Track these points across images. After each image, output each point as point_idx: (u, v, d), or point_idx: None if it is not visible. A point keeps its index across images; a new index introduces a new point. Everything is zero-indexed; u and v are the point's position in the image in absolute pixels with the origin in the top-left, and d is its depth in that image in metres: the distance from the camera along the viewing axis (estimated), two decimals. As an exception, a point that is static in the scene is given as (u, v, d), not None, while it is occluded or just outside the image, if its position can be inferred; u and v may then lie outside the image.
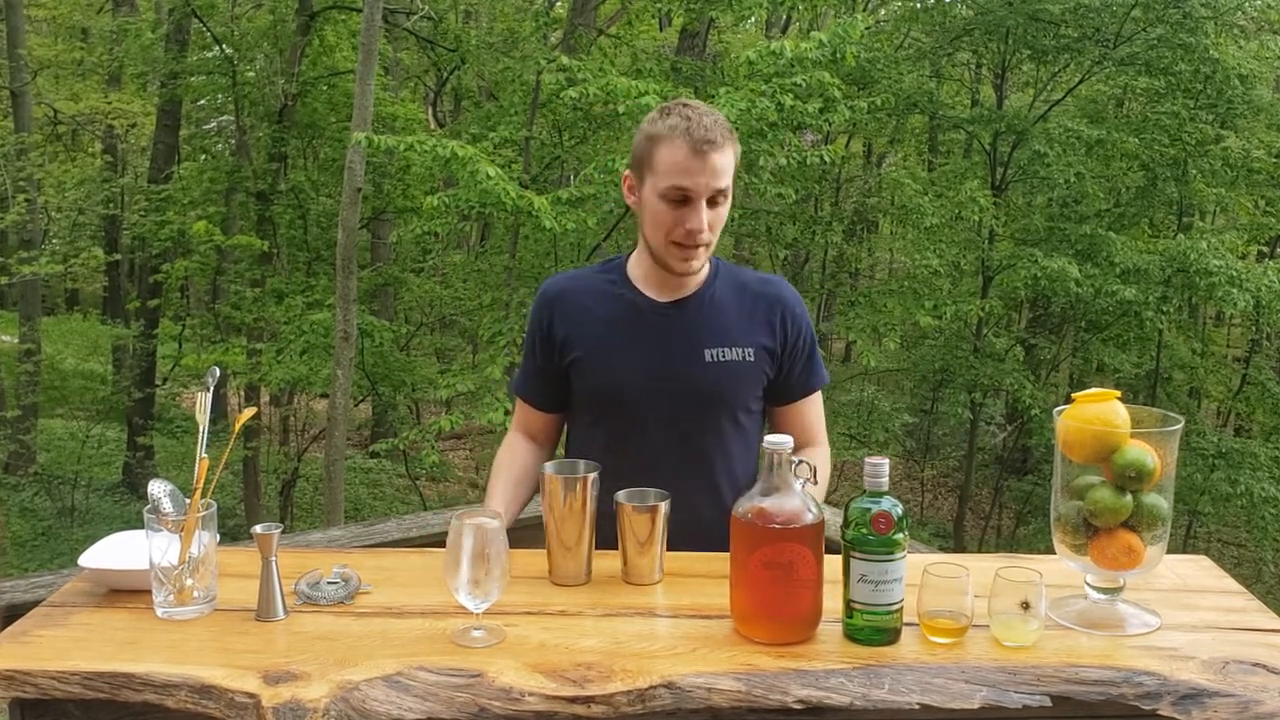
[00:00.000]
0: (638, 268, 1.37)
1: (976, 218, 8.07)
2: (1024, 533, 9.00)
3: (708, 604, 1.11)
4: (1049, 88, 8.76)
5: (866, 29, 6.17)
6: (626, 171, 1.35)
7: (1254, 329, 8.99)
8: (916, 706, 0.92)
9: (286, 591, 1.10)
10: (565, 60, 5.05)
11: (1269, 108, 7.59)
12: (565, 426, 1.48)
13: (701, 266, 1.34)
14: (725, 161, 1.26)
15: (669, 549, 1.20)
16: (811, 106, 4.93)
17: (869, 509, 1.01)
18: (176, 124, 8.49)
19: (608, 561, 1.20)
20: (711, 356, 1.33)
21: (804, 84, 4.78)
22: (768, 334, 1.36)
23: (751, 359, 1.35)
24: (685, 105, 1.29)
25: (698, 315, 1.34)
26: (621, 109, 4.78)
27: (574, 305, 1.38)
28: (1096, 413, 1.05)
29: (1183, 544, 8.01)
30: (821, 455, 1.42)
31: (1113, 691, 0.94)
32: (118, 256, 9.16)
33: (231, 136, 8.24)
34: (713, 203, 1.28)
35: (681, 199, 1.26)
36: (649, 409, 1.33)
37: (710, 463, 1.35)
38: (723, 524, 1.34)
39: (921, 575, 1.02)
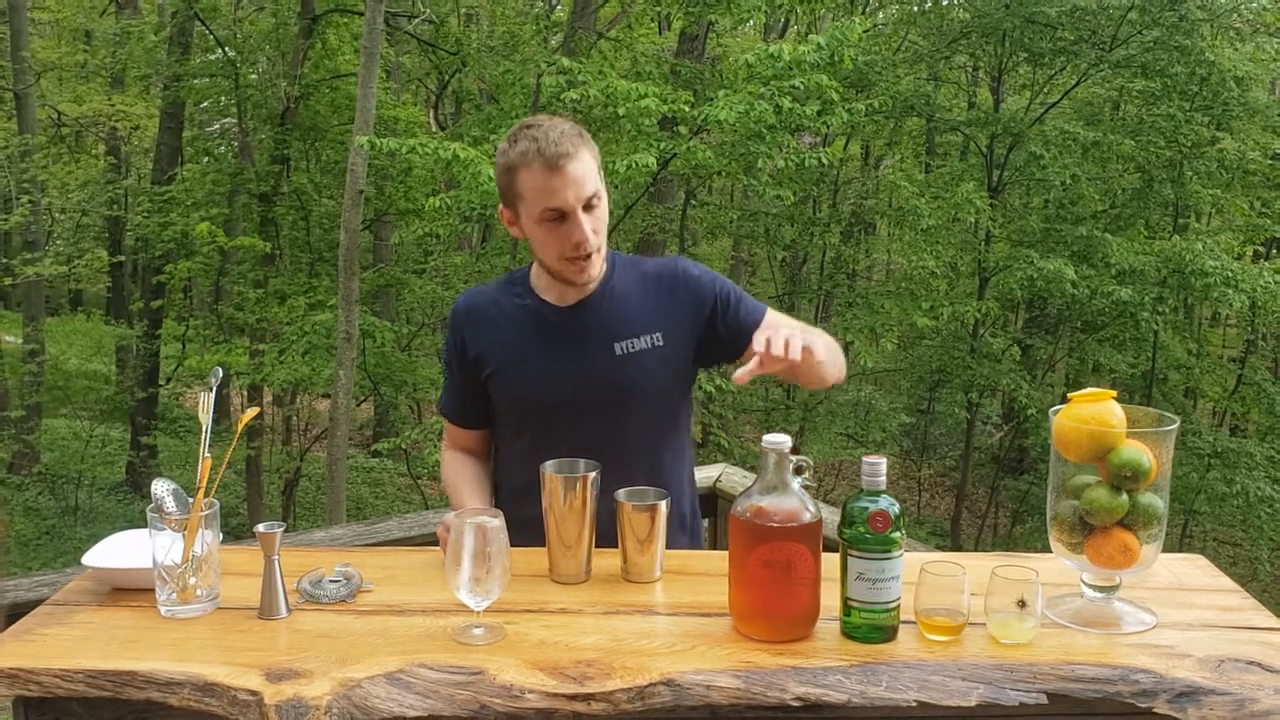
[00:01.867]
0: (540, 277, 1.38)
1: (973, 219, 8.08)
2: (1020, 531, 9.01)
3: (707, 602, 1.11)
4: (1045, 90, 8.78)
5: (864, 32, 6.19)
6: (501, 208, 1.35)
7: (1249, 329, 9.01)
8: (914, 704, 0.93)
9: (289, 590, 1.10)
10: (565, 63, 5.06)
11: (1264, 110, 7.61)
12: (491, 443, 1.47)
13: (599, 271, 1.35)
14: (584, 168, 1.26)
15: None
16: (809, 109, 4.94)
17: (866, 508, 1.01)
18: (179, 126, 8.50)
19: (607, 560, 1.21)
20: (621, 349, 1.33)
21: (802, 87, 4.79)
22: (673, 313, 1.35)
23: (662, 343, 1.34)
24: (529, 126, 1.28)
25: (600, 312, 1.35)
26: (621, 111, 4.79)
27: (483, 320, 1.39)
28: (1092, 412, 1.05)
29: (1178, 543, 8.02)
30: (820, 335, 1.32)
31: (1109, 689, 0.94)
32: (121, 258, 9.17)
33: (234, 139, 8.25)
34: (588, 208, 1.28)
35: (557, 217, 1.27)
36: (570, 412, 1.34)
37: (643, 455, 1.36)
38: (670, 515, 1.32)
39: (919, 573, 1.03)
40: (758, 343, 1.14)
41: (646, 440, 1.37)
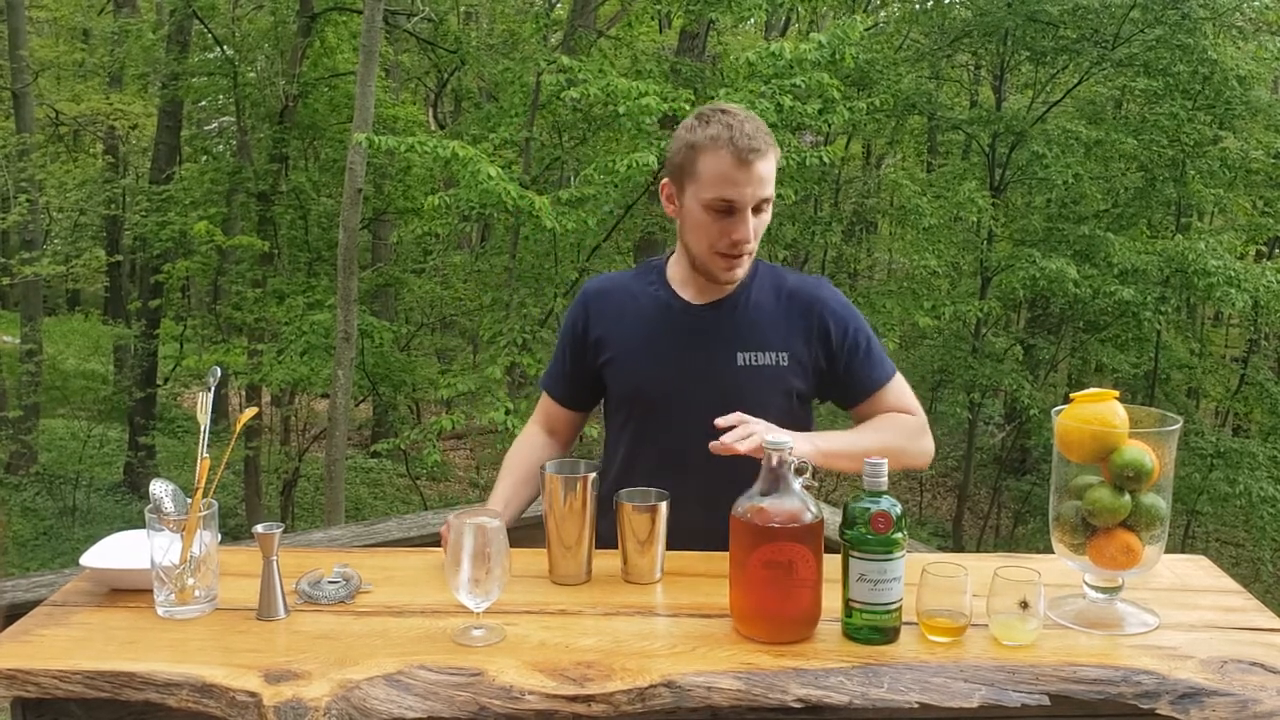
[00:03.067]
0: (676, 270, 1.37)
1: (975, 218, 8.08)
2: (1022, 532, 9.01)
3: (707, 603, 1.11)
4: (1048, 89, 8.77)
5: (865, 30, 6.18)
6: (665, 180, 1.33)
7: (1252, 329, 9.00)
8: (915, 705, 0.92)
9: (287, 591, 1.10)
10: (565, 61, 5.05)
11: (1267, 108, 7.60)
12: (583, 426, 1.48)
13: (744, 273, 1.34)
14: (769, 169, 1.25)
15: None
16: (811, 107, 4.93)
17: (868, 508, 1.01)
18: (178, 125, 8.49)
19: (608, 561, 1.20)
20: (744, 360, 1.31)
21: (803, 85, 4.79)
22: (804, 337, 1.33)
23: (785, 363, 1.32)
24: (725, 112, 1.27)
25: (732, 317, 1.33)
26: (621, 110, 4.78)
27: (610, 306, 1.38)
28: (1095, 413, 1.05)
29: (1181, 543, 8.01)
30: (896, 428, 1.35)
31: (1111, 690, 0.94)
32: (119, 257, 9.16)
33: (233, 137, 8.24)
34: (757, 210, 1.27)
35: (727, 210, 1.25)
36: (679, 410, 1.33)
37: (741, 467, 1.34)
38: None
39: (920, 574, 1.02)
40: (721, 423, 1.15)
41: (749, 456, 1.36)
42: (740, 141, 1.23)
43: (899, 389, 1.38)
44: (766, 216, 1.30)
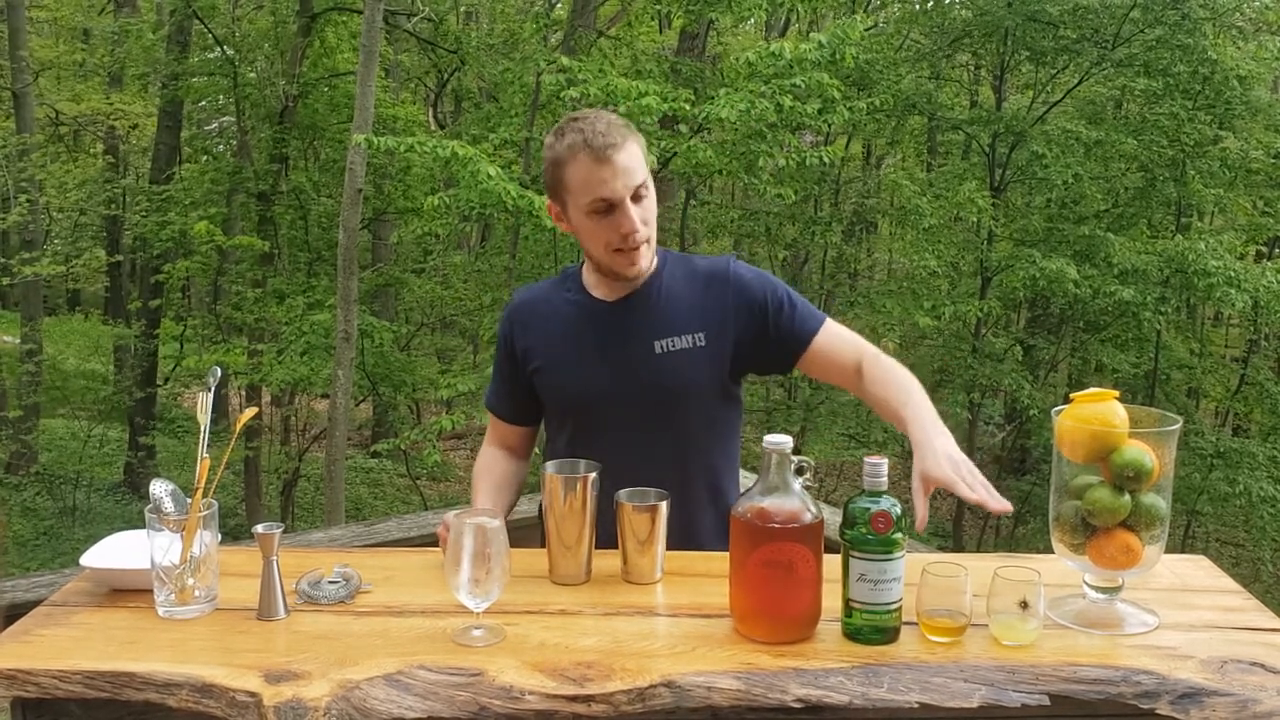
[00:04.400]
0: (590, 273, 1.39)
1: (975, 219, 8.07)
2: (1023, 532, 9.00)
3: (707, 603, 1.11)
4: (1048, 89, 8.76)
5: (866, 30, 6.18)
6: (549, 202, 1.35)
7: (1252, 329, 9.00)
8: (915, 705, 0.92)
9: (287, 591, 1.10)
10: (565, 61, 5.05)
11: (1267, 108, 7.60)
12: (535, 439, 1.49)
13: (650, 264, 1.34)
14: (631, 158, 1.26)
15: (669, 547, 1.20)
16: (811, 107, 4.93)
17: (868, 508, 1.01)
18: (178, 125, 8.49)
19: (608, 561, 1.20)
20: (661, 348, 1.32)
21: (803, 85, 4.78)
22: (719, 314, 1.33)
23: (703, 343, 1.32)
24: (575, 119, 1.29)
25: (645, 309, 1.34)
26: (622, 110, 4.78)
27: (532, 316, 1.40)
28: (1095, 413, 1.05)
29: (1181, 544, 8.01)
30: (880, 359, 1.32)
31: (1111, 690, 0.94)
32: (119, 257, 9.16)
33: (233, 137, 8.25)
34: (636, 199, 1.27)
35: (606, 208, 1.27)
36: (610, 409, 1.33)
37: (682, 456, 1.34)
38: (704, 518, 1.34)
39: (920, 574, 1.02)
40: (926, 484, 1.07)
41: (687, 442, 1.34)
42: (595, 141, 1.24)
43: (836, 331, 1.35)
44: (650, 202, 1.30)
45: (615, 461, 1.24)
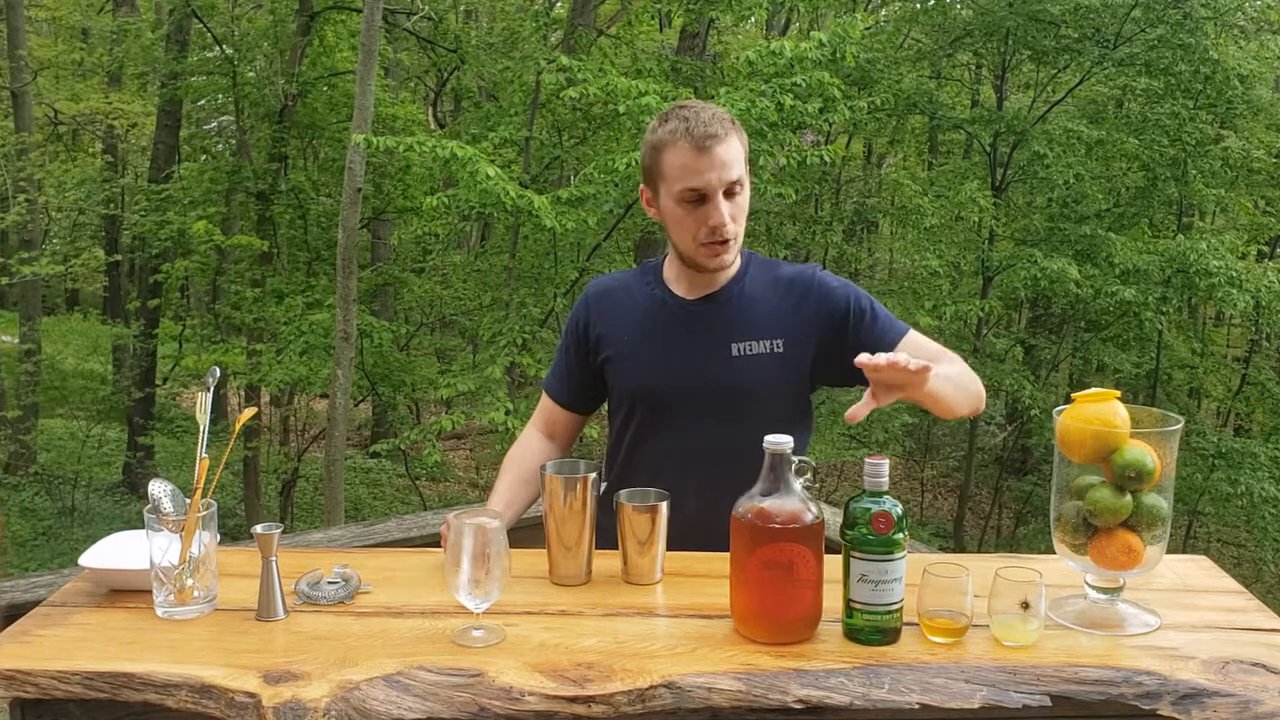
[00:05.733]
0: (671, 268, 1.39)
1: (976, 218, 8.07)
2: (1024, 533, 9.00)
3: (708, 604, 1.11)
4: (1049, 88, 8.76)
5: (866, 29, 6.19)
6: (642, 186, 1.35)
7: (1254, 329, 9.00)
8: (916, 706, 0.92)
9: (287, 591, 1.10)
10: (565, 60, 5.05)
11: (1269, 108, 7.60)
12: (581, 430, 1.49)
13: (733, 260, 1.34)
14: (732, 152, 1.26)
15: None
16: (811, 106, 4.93)
17: (869, 509, 1.01)
18: (177, 124, 8.49)
19: (608, 561, 1.20)
20: (738, 351, 1.32)
21: (804, 84, 4.78)
22: (803, 322, 1.33)
23: (781, 350, 1.32)
24: (682, 107, 1.29)
25: (725, 310, 1.34)
26: (621, 109, 4.78)
27: (611, 304, 1.40)
28: (1096, 413, 1.05)
29: (1183, 544, 8.01)
30: (954, 362, 1.31)
31: (1112, 691, 0.94)
32: (118, 257, 9.16)
33: (232, 136, 8.24)
34: (729, 194, 1.27)
35: (697, 199, 1.26)
36: (678, 406, 1.33)
37: (745, 460, 1.34)
38: None
39: (921, 575, 1.02)
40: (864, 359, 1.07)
41: (753, 442, 1.33)
42: (697, 130, 1.24)
43: (918, 341, 1.35)
44: (742, 200, 1.30)
45: (677, 454, 1.25)
